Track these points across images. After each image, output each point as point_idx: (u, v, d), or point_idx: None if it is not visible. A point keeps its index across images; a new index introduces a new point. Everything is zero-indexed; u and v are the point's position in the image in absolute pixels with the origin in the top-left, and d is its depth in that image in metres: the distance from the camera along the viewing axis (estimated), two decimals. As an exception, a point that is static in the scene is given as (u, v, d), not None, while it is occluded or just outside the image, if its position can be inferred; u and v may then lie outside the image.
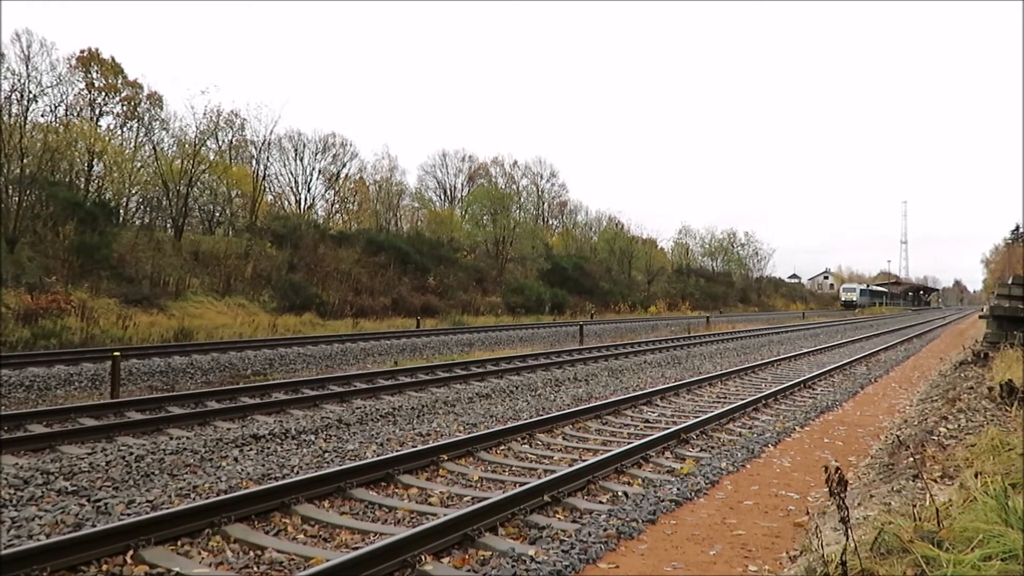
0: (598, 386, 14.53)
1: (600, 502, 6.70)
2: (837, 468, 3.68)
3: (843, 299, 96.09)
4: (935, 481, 5.81)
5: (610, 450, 8.36)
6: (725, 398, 13.32)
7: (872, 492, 6.23)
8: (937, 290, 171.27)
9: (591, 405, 11.41)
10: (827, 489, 3.90)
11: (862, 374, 17.59)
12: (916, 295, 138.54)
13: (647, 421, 10.90)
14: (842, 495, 3.83)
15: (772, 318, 53.93)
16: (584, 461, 7.77)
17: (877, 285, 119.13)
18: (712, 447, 9.13)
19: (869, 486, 6.66)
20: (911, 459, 6.47)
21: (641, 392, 12.96)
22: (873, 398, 13.71)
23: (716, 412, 10.87)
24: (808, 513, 6.09)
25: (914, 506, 4.74)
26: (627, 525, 5.80)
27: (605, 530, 5.66)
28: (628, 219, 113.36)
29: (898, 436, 8.41)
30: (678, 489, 6.89)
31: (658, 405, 12.33)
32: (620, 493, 6.94)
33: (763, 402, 12.44)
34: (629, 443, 8.79)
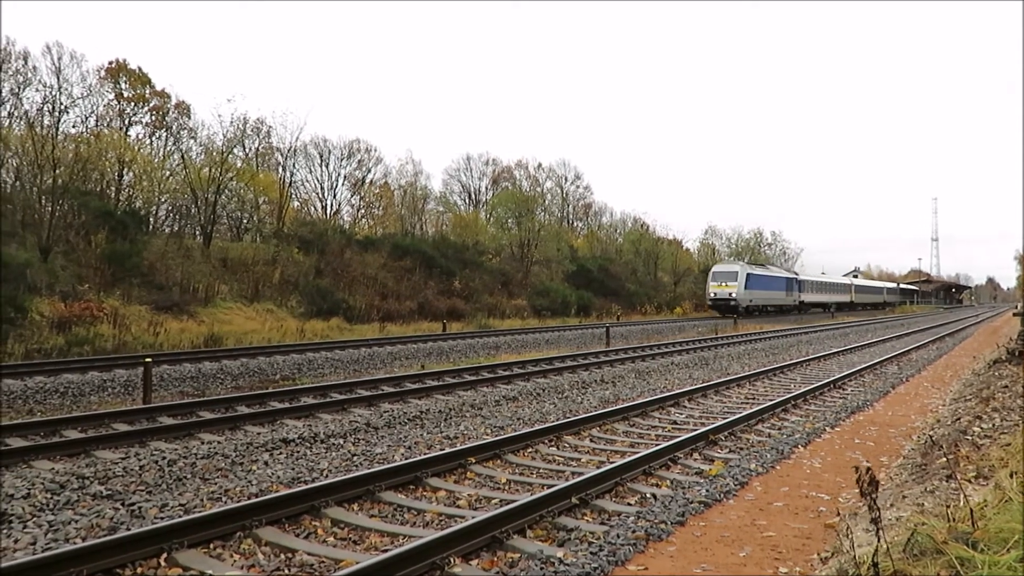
0: (625, 388, 14.48)
1: (628, 504, 6.68)
2: (868, 468, 3.64)
3: (712, 295, 50.21)
4: (969, 481, 5.72)
5: (638, 452, 8.34)
6: (754, 399, 13.22)
7: (905, 493, 6.15)
8: (969, 288, 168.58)
9: (618, 407, 11.38)
10: (858, 490, 3.86)
11: (893, 373, 17.37)
12: (948, 293, 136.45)
13: (675, 423, 10.85)
14: (873, 495, 3.78)
15: (801, 318, 53.36)
16: (612, 463, 7.75)
17: (909, 283, 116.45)
18: (741, 448, 9.07)
19: (902, 487, 6.58)
20: (944, 459, 6.37)
21: (668, 393, 12.90)
22: (905, 398, 13.53)
23: (744, 413, 10.79)
24: (839, 514, 6.03)
25: (948, 507, 4.67)
26: (656, 527, 5.78)
27: (634, 532, 5.64)
28: (653, 220, 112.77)
29: (931, 436, 8.30)
30: (707, 491, 6.85)
31: (686, 406, 12.26)
32: (648, 495, 6.92)
33: (792, 403, 12.33)
34: (657, 445, 8.76)
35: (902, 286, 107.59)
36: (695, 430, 9.68)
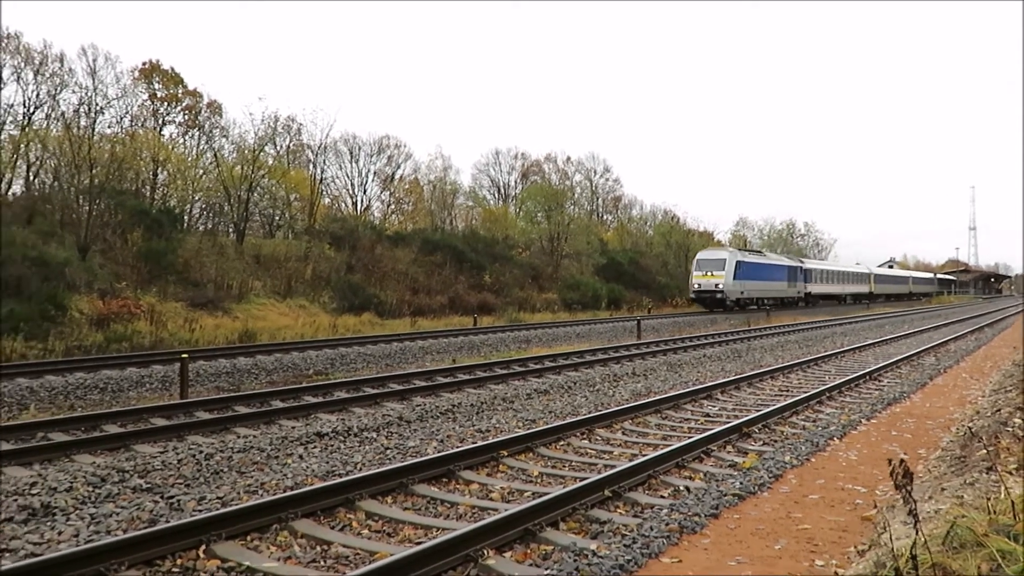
0: (657, 381, 14.42)
1: (661, 497, 6.66)
2: (902, 460, 3.59)
3: (695, 286, 43.11)
4: (1010, 473, 5.62)
5: (670, 444, 8.31)
6: (787, 391, 13.09)
7: (943, 485, 6.06)
8: (1009, 277, 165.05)
9: (650, 400, 11.34)
10: (893, 482, 3.81)
11: (931, 365, 17.09)
12: (986, 283, 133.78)
13: (707, 415, 10.78)
14: (908, 488, 3.73)
15: (835, 309, 52.68)
16: (644, 456, 7.73)
17: (945, 273, 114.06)
18: (775, 441, 8.99)
19: (940, 479, 6.48)
20: (984, 451, 6.27)
21: (701, 386, 12.82)
22: (943, 389, 13.31)
23: (778, 405, 10.70)
24: (876, 507, 5.96)
25: (988, 499, 4.60)
26: (689, 520, 5.76)
27: (667, 524, 5.62)
28: (684, 212, 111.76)
29: (970, 428, 8.16)
30: (740, 483, 6.81)
31: (718, 399, 12.18)
32: (681, 487, 6.89)
33: (827, 395, 12.19)
34: (689, 437, 8.71)
35: (939, 276, 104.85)
36: (728, 423, 9.62)
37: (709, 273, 42.15)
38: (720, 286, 41.59)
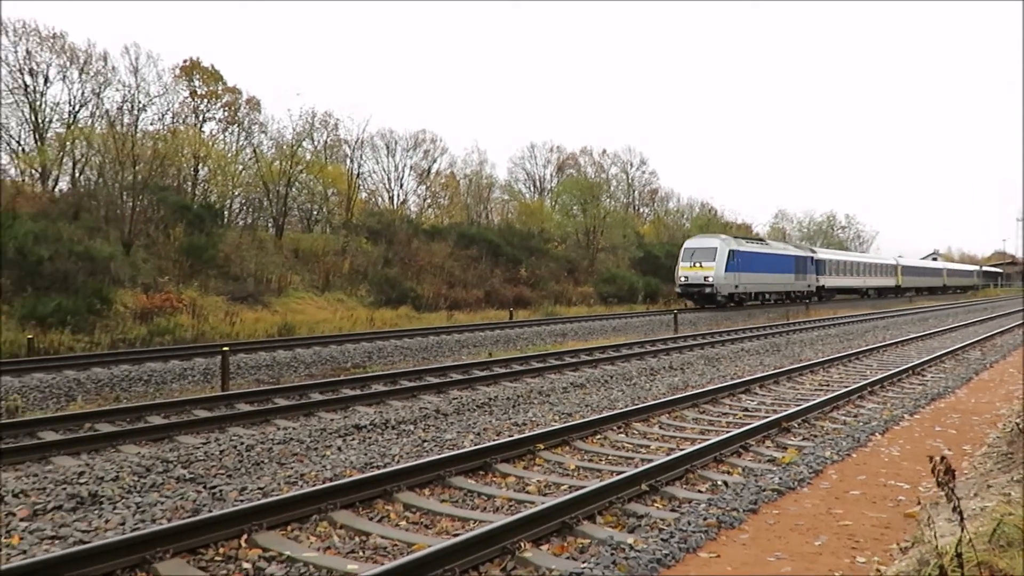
0: (694, 374, 14.32)
1: (699, 491, 6.62)
2: (943, 457, 3.52)
3: (682, 279, 37.84)
4: (1059, 470, 5.49)
5: (708, 439, 8.25)
6: (828, 386, 12.91)
7: (990, 482, 5.95)
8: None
9: (688, 394, 11.26)
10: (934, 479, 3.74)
11: (976, 359, 16.73)
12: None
13: (746, 409, 10.68)
14: (950, 485, 3.67)
15: (876, 303, 51.79)
16: (682, 450, 7.69)
17: (991, 265, 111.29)
18: (815, 436, 8.88)
19: (986, 476, 6.36)
20: (1032, 447, 6.13)
21: (739, 380, 12.70)
22: (989, 384, 13.03)
23: (819, 400, 10.57)
24: (920, 503, 5.86)
25: (1036, 496, 4.50)
26: (728, 514, 5.71)
27: (705, 519, 5.59)
28: (721, 206, 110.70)
29: (1017, 424, 7.98)
30: (780, 478, 6.74)
31: (757, 393, 12.06)
32: (720, 482, 6.85)
33: (869, 389, 12.01)
34: (728, 432, 8.65)
35: (984, 268, 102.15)
36: (767, 417, 9.53)
37: (698, 264, 37.00)
38: (710, 279, 36.40)
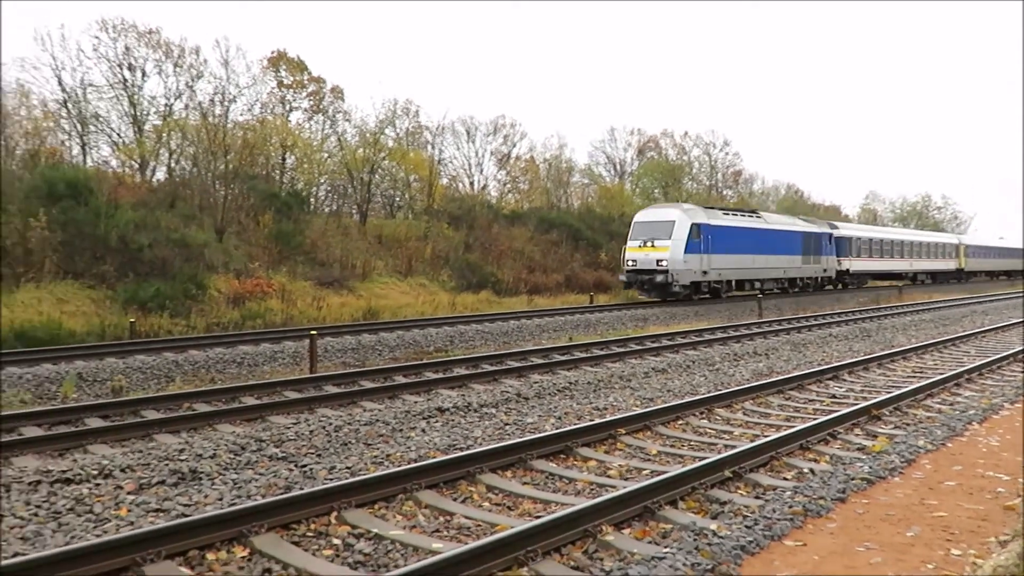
0: (779, 360, 14.01)
1: (784, 479, 6.51)
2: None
3: (629, 263, 28.30)
4: None
5: (794, 426, 8.09)
6: (921, 372, 12.46)
7: (1097, 475, 5.65)
8: None
9: (772, 380, 11.05)
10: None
11: (1085, 346, 15.82)
12: None
13: (834, 396, 10.41)
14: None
15: (974, 287, 49.45)
16: (766, 436, 7.56)
17: None
18: (907, 424, 8.60)
19: (1094, 468, 6.04)
20: None
21: (827, 366, 12.38)
22: (1099, 372, 12.32)
23: (911, 387, 10.21)
24: (1021, 496, 5.62)
25: None
26: (814, 503, 5.60)
27: (790, 507, 5.50)
28: (808, 187, 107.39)
29: None
30: (870, 467, 6.55)
31: (845, 380, 11.73)
32: (806, 470, 6.72)
33: (965, 376, 11.52)
34: (814, 419, 8.46)
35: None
36: (856, 404, 9.27)
37: (648, 243, 28.02)
38: (664, 263, 27.40)
